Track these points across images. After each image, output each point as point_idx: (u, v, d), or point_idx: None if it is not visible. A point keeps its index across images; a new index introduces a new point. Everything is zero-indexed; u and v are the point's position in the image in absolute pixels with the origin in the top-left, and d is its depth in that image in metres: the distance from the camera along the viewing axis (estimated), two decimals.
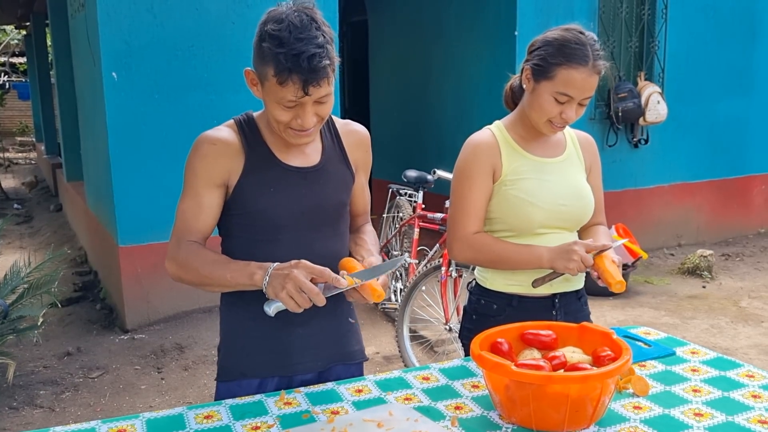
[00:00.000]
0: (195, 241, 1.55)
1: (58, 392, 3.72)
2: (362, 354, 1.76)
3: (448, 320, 3.72)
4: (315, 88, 1.41)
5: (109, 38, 4.24)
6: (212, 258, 1.52)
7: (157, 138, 4.40)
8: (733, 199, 6.81)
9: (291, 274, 1.39)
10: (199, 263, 1.51)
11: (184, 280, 1.55)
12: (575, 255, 1.69)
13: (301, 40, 1.38)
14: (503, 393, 1.38)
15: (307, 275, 1.40)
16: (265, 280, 1.42)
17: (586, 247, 1.71)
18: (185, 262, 1.53)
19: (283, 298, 1.39)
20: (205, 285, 1.54)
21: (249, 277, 1.45)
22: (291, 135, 1.51)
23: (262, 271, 1.44)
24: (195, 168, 1.55)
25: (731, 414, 1.43)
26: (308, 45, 1.38)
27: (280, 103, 1.45)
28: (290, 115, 1.46)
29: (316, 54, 1.38)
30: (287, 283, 1.38)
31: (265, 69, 1.43)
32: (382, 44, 7.64)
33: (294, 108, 1.45)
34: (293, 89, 1.40)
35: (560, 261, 1.72)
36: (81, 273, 5.98)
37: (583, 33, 1.74)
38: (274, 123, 1.51)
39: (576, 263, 1.69)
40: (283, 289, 1.38)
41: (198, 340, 4.29)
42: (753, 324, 4.58)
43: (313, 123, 1.48)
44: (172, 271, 1.55)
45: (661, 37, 6.07)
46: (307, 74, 1.38)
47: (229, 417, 1.45)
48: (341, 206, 1.65)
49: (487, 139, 1.84)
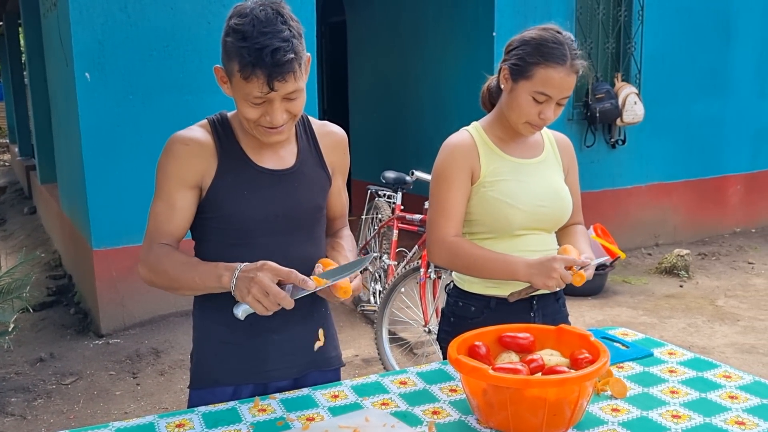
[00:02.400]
0: (167, 244, 1.52)
1: (30, 399, 3.64)
2: (339, 360, 1.73)
3: (427, 322, 3.70)
4: (280, 83, 1.38)
5: (81, 38, 4.17)
6: (182, 260, 1.48)
7: (131, 140, 4.33)
8: (709, 198, 6.88)
9: (256, 277, 1.35)
10: (169, 266, 1.48)
11: (156, 284, 1.52)
12: (554, 273, 1.64)
13: (264, 34, 1.35)
14: (481, 397, 1.37)
15: (273, 278, 1.36)
16: (233, 283, 1.39)
17: (565, 262, 1.65)
18: (156, 265, 1.49)
19: (249, 302, 1.36)
20: (175, 289, 1.50)
21: (217, 280, 1.42)
22: (262, 133, 1.48)
23: (230, 273, 1.40)
24: (167, 169, 1.51)
25: (709, 416, 1.43)
26: (272, 39, 1.35)
27: (247, 100, 1.42)
28: (258, 112, 1.43)
29: (280, 48, 1.35)
30: (252, 287, 1.35)
31: (231, 65, 1.40)
32: (361, 45, 7.62)
33: (262, 105, 1.42)
34: (258, 84, 1.38)
35: (539, 278, 1.66)
36: (55, 277, 5.87)
37: (560, 32, 1.74)
38: (243, 121, 1.48)
39: (555, 281, 1.64)
40: (249, 293, 1.35)
41: (174, 344, 4.23)
42: (729, 323, 4.63)
43: (283, 120, 1.45)
44: (144, 274, 1.52)
45: (638, 39, 6.11)
46: (271, 68, 1.35)
47: (201, 425, 1.42)
48: (317, 210, 1.62)
49: (464, 141, 1.82)
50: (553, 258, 1.66)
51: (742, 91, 6.85)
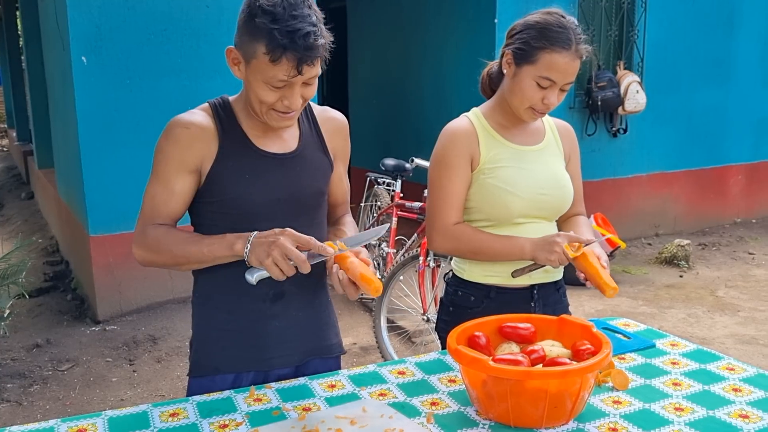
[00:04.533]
0: (163, 224, 1.50)
1: (26, 385, 3.62)
2: (340, 347, 1.71)
3: (425, 311, 3.69)
4: (309, 68, 1.37)
5: (78, 21, 4.12)
6: (184, 236, 1.47)
7: (128, 124, 4.29)
8: (710, 188, 6.85)
9: (277, 241, 1.35)
10: (171, 243, 1.47)
11: (156, 263, 1.50)
12: (557, 247, 1.66)
13: (295, 17, 1.33)
14: (480, 388, 1.34)
15: (293, 242, 1.36)
16: (247, 248, 1.38)
17: (568, 238, 1.67)
18: (155, 243, 1.48)
19: (268, 265, 1.35)
20: (179, 264, 1.49)
21: (228, 248, 1.42)
22: (274, 117, 1.46)
23: (243, 240, 1.40)
24: (166, 152, 1.49)
25: (712, 408, 1.40)
26: (303, 23, 1.34)
27: (269, 83, 1.39)
28: (276, 96, 1.41)
29: (311, 32, 1.34)
30: (273, 250, 1.35)
31: (254, 46, 1.36)
32: (361, 31, 7.55)
33: (281, 89, 1.40)
34: (286, 68, 1.35)
35: (542, 252, 1.68)
36: (52, 263, 5.85)
37: (564, 17, 1.71)
38: (256, 104, 1.45)
39: (558, 255, 1.65)
40: (268, 256, 1.35)
41: (171, 331, 4.21)
42: (729, 313, 4.61)
43: (299, 104, 1.44)
44: (141, 255, 1.51)
45: (641, 27, 6.06)
46: (303, 52, 1.34)
47: (196, 414, 1.39)
48: (319, 194, 1.60)
49: (464, 127, 1.79)
50: (556, 234, 1.69)
51: (744, 81, 6.80)
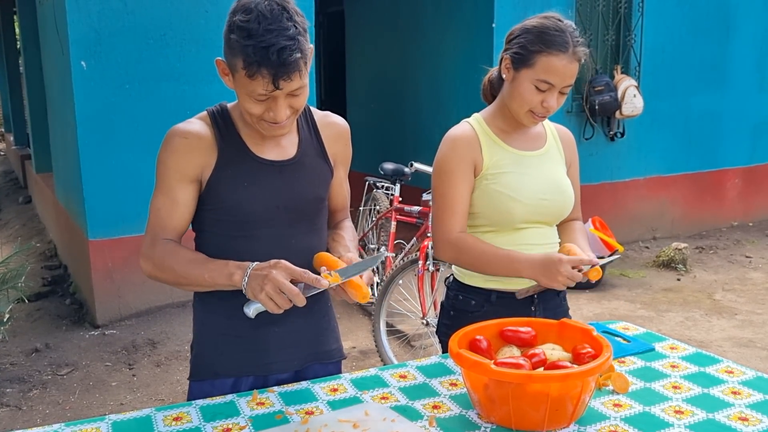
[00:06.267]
0: (171, 240, 1.51)
1: (26, 390, 3.62)
2: (340, 353, 1.71)
3: (425, 314, 3.69)
4: (285, 82, 1.36)
5: (77, 26, 4.12)
6: (189, 257, 1.47)
7: (127, 129, 4.29)
8: (707, 192, 6.87)
9: (270, 275, 1.34)
10: (175, 262, 1.47)
11: (160, 279, 1.51)
12: (560, 276, 1.61)
13: (270, 31, 1.32)
14: (482, 392, 1.35)
15: (286, 276, 1.35)
16: (245, 281, 1.38)
17: (571, 263, 1.62)
18: (161, 261, 1.48)
19: (262, 299, 1.35)
20: (181, 285, 1.50)
21: (228, 278, 1.41)
22: (265, 127, 1.46)
23: (241, 271, 1.39)
24: (167, 163, 1.49)
25: (711, 411, 1.42)
26: (278, 37, 1.32)
27: (251, 96, 1.39)
28: (262, 108, 1.41)
29: (286, 47, 1.32)
30: (266, 284, 1.34)
31: (234, 61, 1.37)
32: (359, 35, 7.57)
33: (266, 101, 1.40)
34: (263, 83, 1.35)
35: (545, 278, 1.64)
36: (50, 267, 5.84)
37: (561, 20, 1.73)
38: (246, 115, 1.46)
39: (563, 281, 1.61)
40: (261, 290, 1.34)
41: (171, 335, 4.21)
42: (727, 317, 4.63)
43: (286, 116, 1.43)
44: (148, 269, 1.51)
45: (638, 31, 6.08)
46: (277, 68, 1.33)
47: (199, 418, 1.40)
48: (318, 201, 1.60)
49: (466, 133, 1.80)
50: (559, 260, 1.63)
51: (741, 85, 6.83)
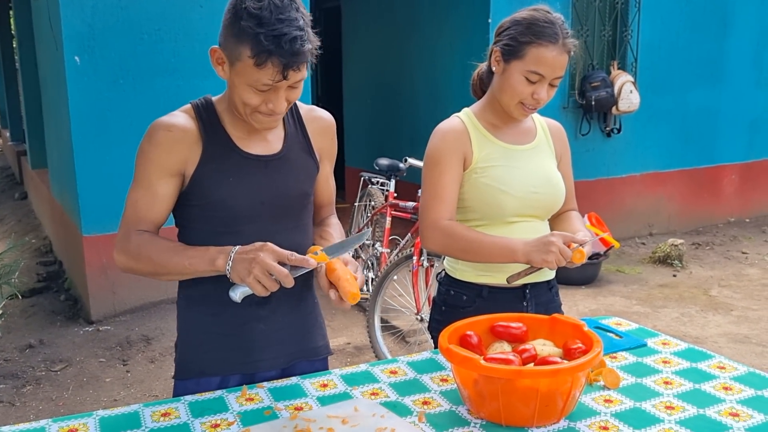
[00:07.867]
0: (146, 231, 1.49)
1: (19, 386, 3.61)
2: (327, 349, 1.70)
3: (419, 310, 3.69)
4: (294, 72, 1.35)
5: (71, 21, 4.10)
6: (167, 245, 1.45)
7: (122, 125, 4.27)
8: (703, 188, 6.87)
9: (257, 257, 1.33)
10: (153, 252, 1.44)
11: (137, 270, 1.48)
12: (553, 247, 1.58)
13: (282, 21, 1.31)
14: (472, 387, 1.34)
15: (274, 258, 1.34)
16: (228, 265, 1.36)
17: (564, 238, 1.61)
18: (137, 251, 1.46)
19: (250, 282, 1.33)
20: (160, 274, 1.47)
21: (210, 263, 1.39)
22: (258, 119, 1.44)
23: (224, 255, 1.37)
24: (149, 156, 1.47)
25: (702, 407, 1.41)
26: (290, 27, 1.31)
27: (253, 86, 1.37)
28: (260, 99, 1.40)
29: (297, 37, 1.32)
30: (254, 267, 1.33)
31: (239, 49, 1.34)
32: (356, 31, 7.55)
33: (266, 92, 1.38)
34: (271, 72, 1.33)
35: (537, 254, 1.61)
36: (45, 263, 5.83)
37: (550, 12, 1.74)
38: (240, 106, 1.43)
39: (555, 255, 1.58)
40: (249, 273, 1.33)
41: (165, 331, 4.20)
42: (723, 312, 4.63)
43: (284, 108, 1.42)
44: (122, 261, 1.49)
45: (634, 27, 6.07)
46: (288, 57, 1.32)
47: (187, 414, 1.39)
48: (304, 197, 1.59)
49: (456, 126, 1.79)
50: (551, 234, 1.63)
51: (738, 81, 6.83)
